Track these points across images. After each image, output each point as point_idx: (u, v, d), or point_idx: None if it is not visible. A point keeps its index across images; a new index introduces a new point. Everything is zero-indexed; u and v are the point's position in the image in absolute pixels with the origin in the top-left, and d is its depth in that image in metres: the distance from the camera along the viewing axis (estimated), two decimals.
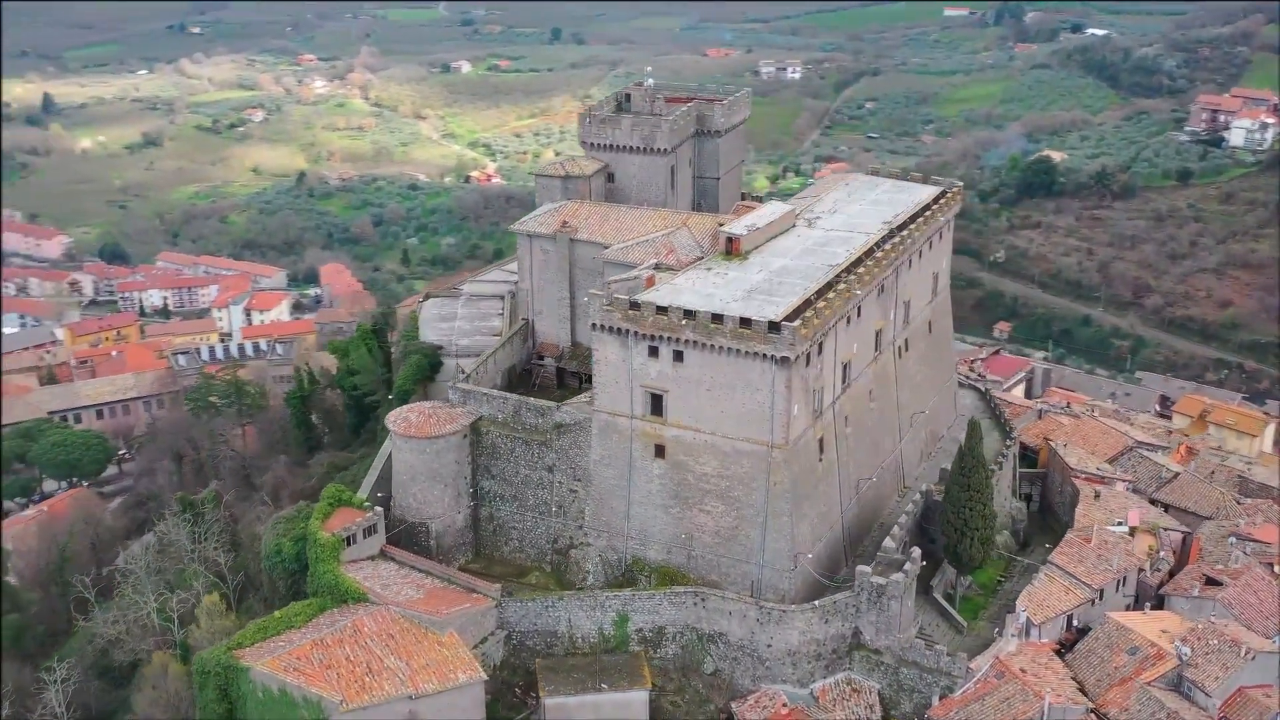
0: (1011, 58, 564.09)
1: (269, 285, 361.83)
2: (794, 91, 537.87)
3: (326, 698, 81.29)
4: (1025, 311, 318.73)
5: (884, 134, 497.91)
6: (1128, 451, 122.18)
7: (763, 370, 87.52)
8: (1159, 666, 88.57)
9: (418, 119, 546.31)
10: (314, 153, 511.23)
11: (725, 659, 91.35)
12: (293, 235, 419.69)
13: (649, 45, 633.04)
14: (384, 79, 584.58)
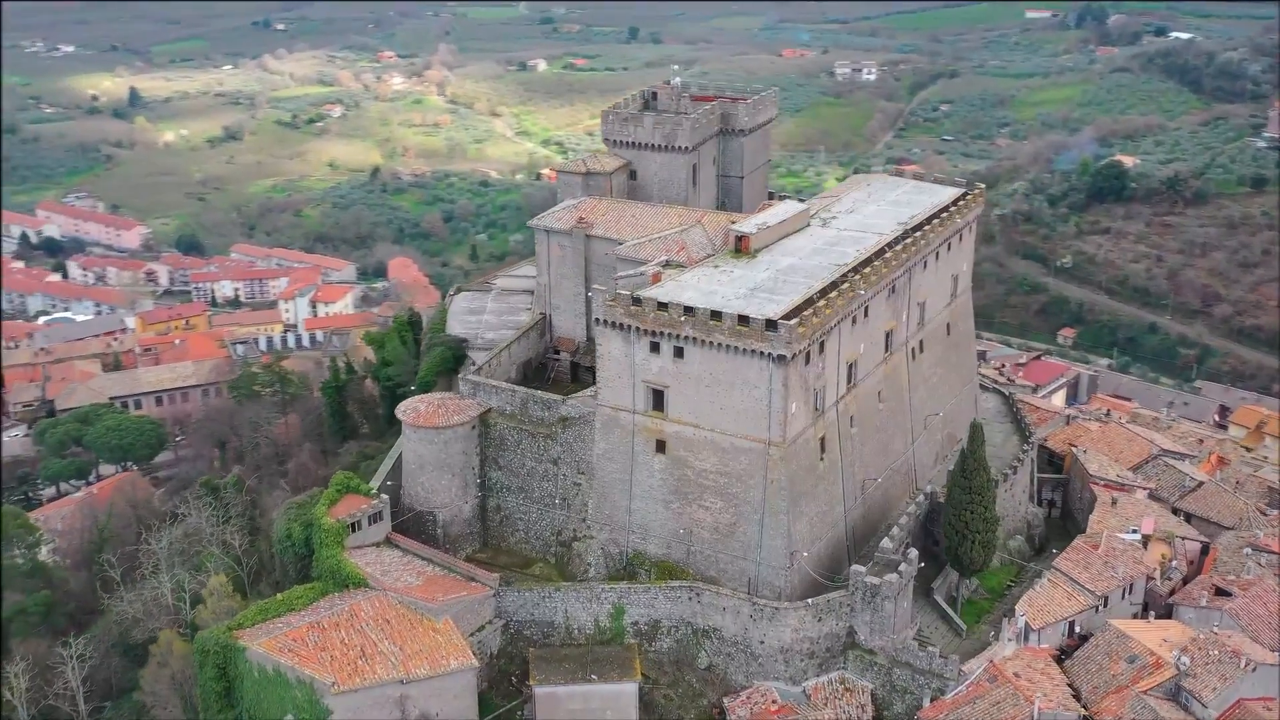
0: (1092, 61, 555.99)
1: (338, 278, 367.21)
2: (868, 93, 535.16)
3: (319, 679, 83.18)
4: (1090, 318, 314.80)
5: (958, 136, 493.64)
6: (1152, 459, 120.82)
7: (760, 368, 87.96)
8: (1157, 676, 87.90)
9: (492, 116, 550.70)
10: (389, 148, 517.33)
11: (719, 654, 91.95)
12: (364, 229, 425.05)
13: (725, 45, 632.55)
14: (461, 76, 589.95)
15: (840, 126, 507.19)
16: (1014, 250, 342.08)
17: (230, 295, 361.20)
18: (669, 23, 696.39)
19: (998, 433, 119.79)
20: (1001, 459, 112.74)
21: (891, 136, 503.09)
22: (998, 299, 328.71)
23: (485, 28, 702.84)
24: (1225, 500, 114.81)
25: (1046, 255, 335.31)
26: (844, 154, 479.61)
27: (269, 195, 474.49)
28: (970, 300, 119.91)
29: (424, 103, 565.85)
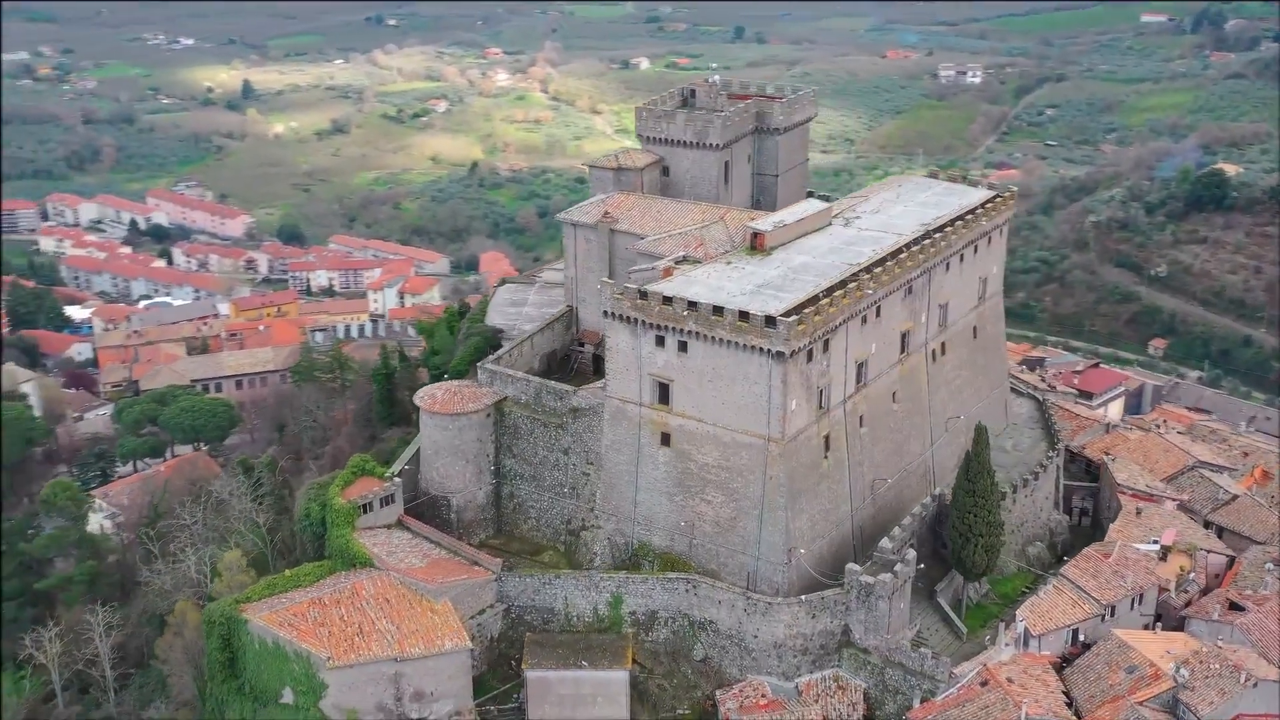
0: (1206, 66, 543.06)
1: (431, 270, 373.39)
2: (971, 96, 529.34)
3: (315, 653, 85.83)
4: (1183, 329, 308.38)
5: (1062, 141, 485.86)
6: (1187, 471, 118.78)
7: (760, 364, 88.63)
8: (1154, 687, 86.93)
9: (593, 113, 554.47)
10: (490, 144, 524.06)
11: (714, 647, 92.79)
12: (460, 223, 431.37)
13: (829, 45, 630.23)
14: (564, 73, 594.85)
15: (941, 129, 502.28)
16: (1107, 258, 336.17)
17: (325, 284, 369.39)
18: (775, 23, 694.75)
19: (1027, 438, 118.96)
20: (1027, 465, 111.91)
21: (993, 140, 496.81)
22: (1088, 307, 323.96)
23: (592, 26, 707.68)
24: (1259, 515, 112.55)
25: (1140, 264, 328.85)
26: (943, 157, 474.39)
27: (371, 188, 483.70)
28: (1001, 303, 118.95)
29: (527, 99, 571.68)
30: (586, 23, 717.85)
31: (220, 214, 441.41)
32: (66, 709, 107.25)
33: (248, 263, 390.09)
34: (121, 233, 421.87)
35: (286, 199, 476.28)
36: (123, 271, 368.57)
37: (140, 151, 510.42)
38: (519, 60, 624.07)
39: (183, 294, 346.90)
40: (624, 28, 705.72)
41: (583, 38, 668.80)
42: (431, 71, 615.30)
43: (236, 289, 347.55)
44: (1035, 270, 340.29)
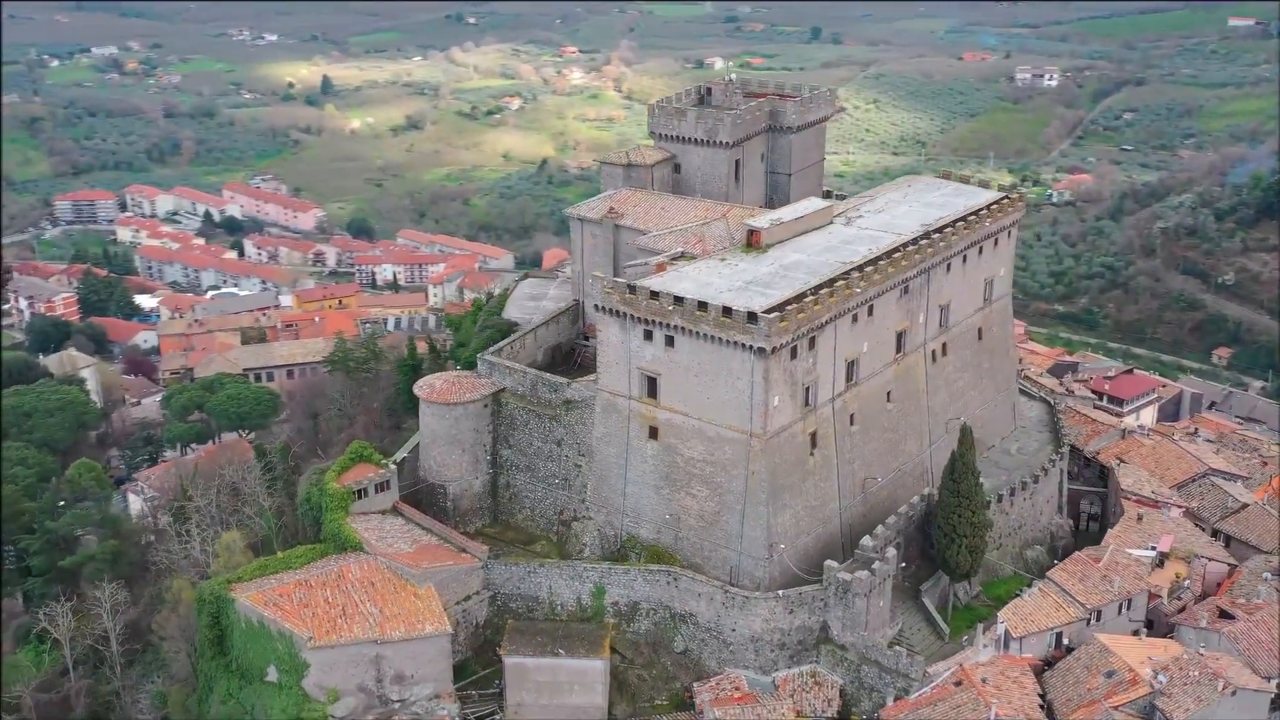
0: None
1: (495, 266, 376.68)
2: (1048, 99, 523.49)
3: (297, 633, 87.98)
4: (1248, 338, 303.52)
5: (1139, 146, 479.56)
6: (1198, 478, 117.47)
7: (743, 359, 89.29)
8: (1131, 692, 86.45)
9: None
10: (562, 141, 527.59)
11: (694, 639, 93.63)
12: (528, 220, 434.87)
13: (906, 47, 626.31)
14: (638, 72, 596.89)
15: (1015, 133, 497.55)
16: (1173, 264, 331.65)
17: (389, 278, 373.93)
18: (853, 24, 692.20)
19: (1034, 441, 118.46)
20: (1030, 468, 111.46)
21: (1068, 144, 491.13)
22: (1151, 314, 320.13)
23: (670, 25, 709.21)
24: (1267, 524, 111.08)
25: (1208, 271, 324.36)
26: (1015, 161, 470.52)
27: (442, 184, 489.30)
28: (1009, 306, 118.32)
29: (600, 98, 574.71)
30: (664, 22, 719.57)
31: (292, 207, 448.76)
32: (78, 682, 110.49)
33: (316, 255, 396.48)
34: (196, 224, 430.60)
35: (359, 193, 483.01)
36: (194, 262, 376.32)
37: (219, 145, 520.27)
38: (594, 59, 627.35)
39: (250, 285, 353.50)
40: (701, 27, 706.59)
41: (659, 37, 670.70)
42: (507, 69, 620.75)
43: (301, 281, 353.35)
44: (1100, 276, 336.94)
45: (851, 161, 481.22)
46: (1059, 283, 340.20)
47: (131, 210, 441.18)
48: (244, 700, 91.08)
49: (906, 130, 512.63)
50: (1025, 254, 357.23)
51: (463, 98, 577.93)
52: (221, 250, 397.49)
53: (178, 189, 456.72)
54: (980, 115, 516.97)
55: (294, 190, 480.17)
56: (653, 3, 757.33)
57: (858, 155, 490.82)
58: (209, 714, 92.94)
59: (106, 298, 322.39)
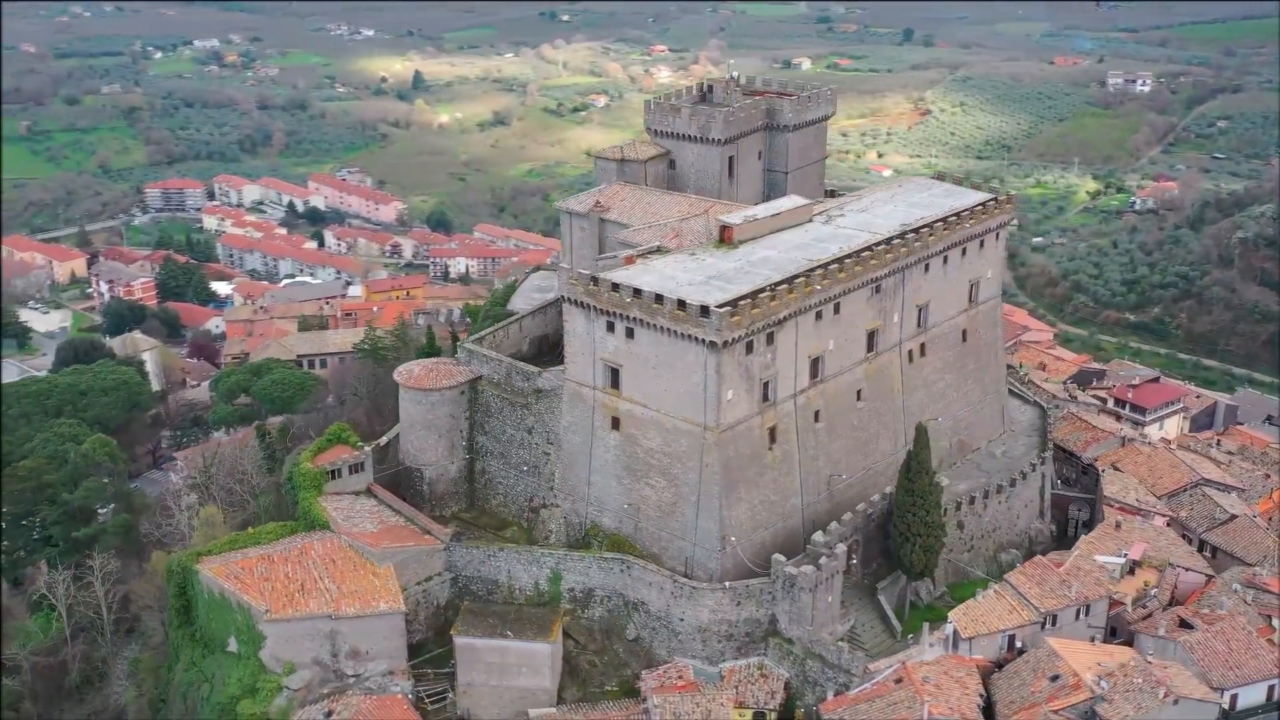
0: None
1: None
2: (1139, 105, 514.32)
3: (255, 605, 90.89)
4: None
5: (1230, 155, 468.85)
6: (1190, 488, 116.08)
7: (697, 353, 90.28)
8: (1073, 696, 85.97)
9: None
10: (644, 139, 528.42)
11: (646, 627, 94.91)
12: None
13: (998, 50, 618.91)
14: (724, 72, 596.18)
15: (1103, 138, 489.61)
16: (1251, 275, 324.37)
17: (462, 271, 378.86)
18: (948, 26, 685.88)
19: (1021, 445, 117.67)
20: (1010, 472, 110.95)
21: (1157, 151, 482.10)
22: (1224, 325, 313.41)
23: (762, 25, 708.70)
24: (1254, 536, 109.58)
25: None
26: (1101, 166, 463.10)
27: (524, 179, 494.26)
28: (998, 309, 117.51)
29: None
30: (757, 21, 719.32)
31: (375, 199, 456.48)
32: (74, 648, 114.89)
33: (392, 248, 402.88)
34: (280, 214, 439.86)
35: (442, 187, 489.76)
36: (273, 251, 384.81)
37: (309, 137, 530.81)
38: (682, 58, 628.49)
39: (325, 275, 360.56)
40: (793, 27, 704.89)
41: (750, 36, 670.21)
42: (595, 67, 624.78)
43: (374, 272, 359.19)
44: (1173, 286, 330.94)
45: (932, 165, 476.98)
46: (1132, 291, 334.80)
47: (219, 199, 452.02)
48: (205, 669, 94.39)
49: (992, 134, 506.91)
50: (1099, 261, 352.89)
51: (550, 94, 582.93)
52: (302, 240, 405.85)
53: (264, 179, 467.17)
54: (1068, 120, 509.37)
55: (378, 183, 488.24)
56: (746, 2, 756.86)
57: (940, 159, 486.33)
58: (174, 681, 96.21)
59: (184, 284, 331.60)
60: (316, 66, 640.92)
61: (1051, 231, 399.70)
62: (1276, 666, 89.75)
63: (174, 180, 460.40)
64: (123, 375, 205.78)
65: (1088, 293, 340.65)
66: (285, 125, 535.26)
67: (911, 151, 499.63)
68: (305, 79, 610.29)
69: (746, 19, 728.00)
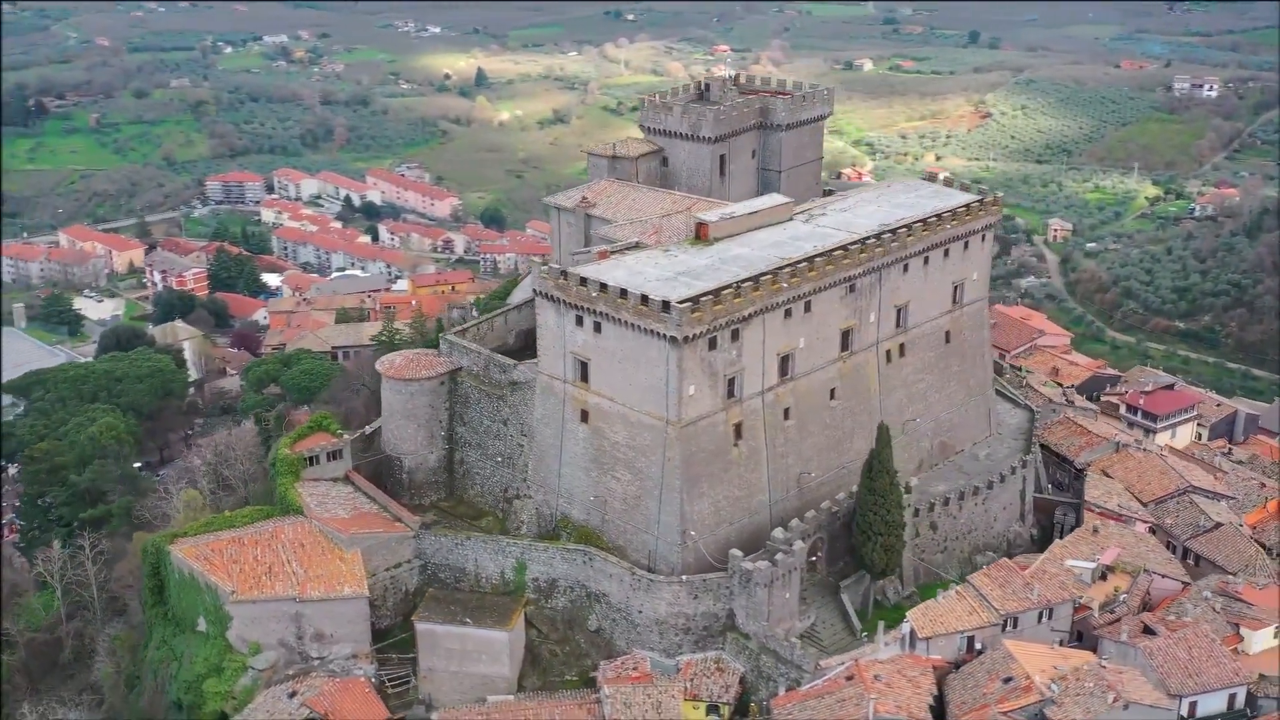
0: None
1: None
2: (1205, 110, 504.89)
3: (221, 586, 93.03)
4: None
5: None
6: (1177, 494, 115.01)
7: (660, 347, 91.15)
8: (1023, 699, 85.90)
9: None
10: None
11: (607, 619, 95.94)
12: None
13: (1065, 53, 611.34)
14: (785, 72, 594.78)
15: (1166, 144, 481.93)
16: None
17: (511, 267, 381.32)
18: (1016, 28, 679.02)
19: (1006, 448, 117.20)
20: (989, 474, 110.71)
21: (1221, 157, 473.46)
22: (1275, 335, 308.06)
23: (826, 25, 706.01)
24: (1237, 544, 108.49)
25: None
26: (1163, 172, 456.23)
27: (579, 177, 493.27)
28: (984, 312, 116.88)
29: None
30: (821, 22, 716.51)
31: (431, 195, 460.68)
32: (68, 625, 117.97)
33: (444, 243, 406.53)
34: (337, 208, 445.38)
35: (499, 184, 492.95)
36: (325, 244, 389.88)
37: (370, 133, 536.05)
38: (744, 58, 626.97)
39: (375, 268, 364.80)
40: (857, 28, 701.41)
41: (813, 37, 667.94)
42: (657, 66, 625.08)
43: (422, 266, 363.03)
44: (1224, 294, 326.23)
45: (992, 169, 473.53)
46: (1183, 299, 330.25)
47: (278, 193, 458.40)
48: (175, 647, 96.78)
49: (1053, 138, 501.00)
50: (1151, 268, 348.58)
51: (610, 93, 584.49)
52: (356, 234, 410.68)
53: (323, 174, 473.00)
54: (1132, 124, 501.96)
55: (436, 179, 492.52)
56: (811, 2, 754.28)
57: (999, 162, 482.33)
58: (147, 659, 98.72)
59: (236, 275, 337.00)
60: (382, 63, 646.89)
61: (1106, 237, 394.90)
62: (1237, 674, 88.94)
63: (234, 173, 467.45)
64: (158, 363, 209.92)
65: (1138, 299, 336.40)
66: (347, 121, 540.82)
67: (970, 154, 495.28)
68: (370, 75, 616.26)
69: (811, 19, 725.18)
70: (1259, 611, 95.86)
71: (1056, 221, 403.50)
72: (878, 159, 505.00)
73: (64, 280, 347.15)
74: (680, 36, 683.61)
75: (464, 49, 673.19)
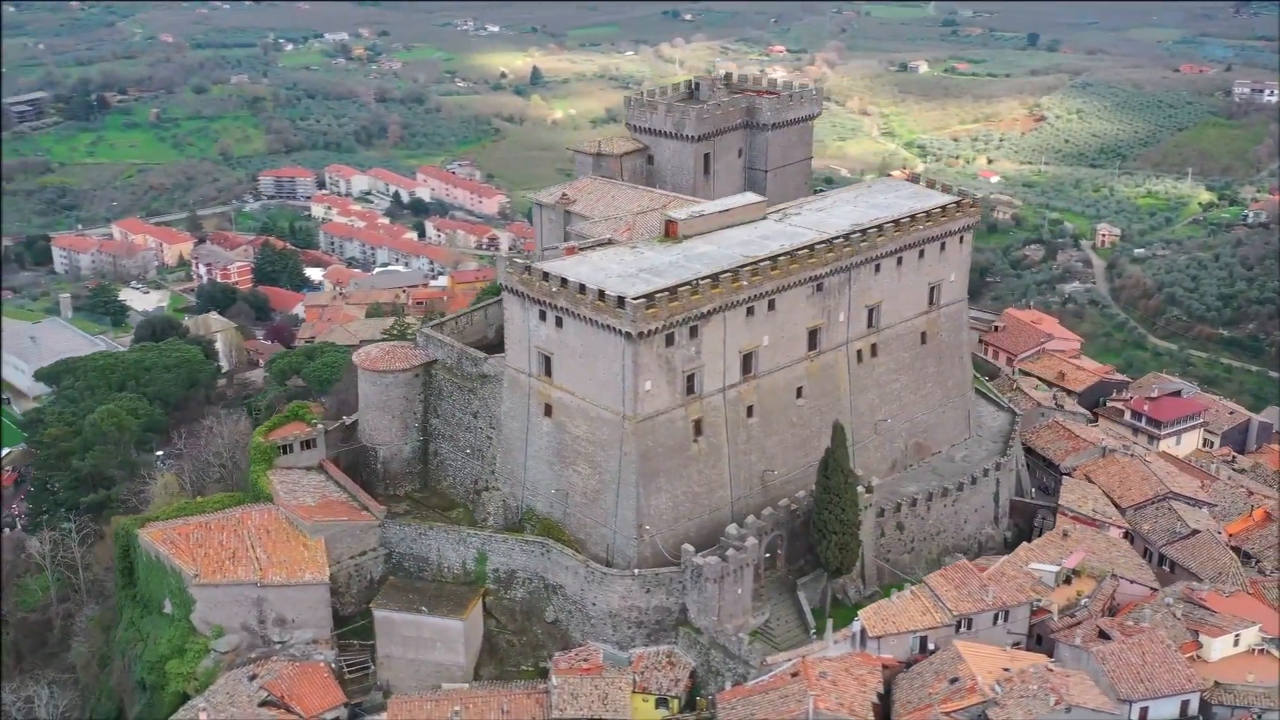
0: None
1: None
2: (1265, 115, 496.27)
3: (185, 569, 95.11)
4: None
5: None
6: (1157, 500, 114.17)
7: (616, 343, 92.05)
8: (966, 699, 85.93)
9: (862, 115, 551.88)
10: None
11: (564, 610, 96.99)
12: None
13: (1124, 56, 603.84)
14: (840, 73, 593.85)
15: (1222, 149, 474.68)
16: None
17: None
18: (1076, 30, 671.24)
19: (984, 450, 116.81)
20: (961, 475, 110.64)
21: (1278, 165, 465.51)
22: None
23: (885, 27, 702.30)
24: (1212, 552, 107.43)
25: None
26: (1218, 178, 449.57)
27: None
28: (963, 313, 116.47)
29: None
30: (880, 23, 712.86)
31: (479, 193, 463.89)
32: (58, 607, 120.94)
33: (490, 240, 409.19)
34: (386, 204, 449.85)
35: (549, 182, 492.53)
36: (371, 240, 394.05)
37: (423, 130, 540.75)
38: (799, 59, 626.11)
39: (419, 264, 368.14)
40: (916, 30, 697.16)
41: (871, 39, 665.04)
42: (711, 66, 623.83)
43: (464, 263, 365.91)
44: (1270, 302, 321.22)
45: (1043, 173, 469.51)
46: (1227, 306, 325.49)
47: (328, 188, 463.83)
48: (143, 628, 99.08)
49: (1108, 142, 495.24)
50: (1197, 274, 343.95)
51: None
52: (403, 230, 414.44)
53: (374, 170, 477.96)
54: (1188, 129, 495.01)
55: (486, 176, 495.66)
56: (871, 3, 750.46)
57: (1052, 166, 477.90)
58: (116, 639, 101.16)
59: (280, 268, 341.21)
60: (438, 61, 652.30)
61: (1155, 243, 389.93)
62: (1190, 681, 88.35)
63: (287, 169, 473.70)
64: (186, 353, 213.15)
65: (1182, 306, 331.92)
66: (401, 118, 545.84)
67: (1023, 158, 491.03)
68: (426, 73, 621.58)
69: (870, 20, 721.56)
70: (1221, 619, 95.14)
71: (1105, 227, 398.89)
72: (929, 161, 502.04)
73: (113, 272, 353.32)
74: (737, 37, 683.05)
75: (521, 48, 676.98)
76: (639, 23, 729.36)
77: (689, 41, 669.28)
